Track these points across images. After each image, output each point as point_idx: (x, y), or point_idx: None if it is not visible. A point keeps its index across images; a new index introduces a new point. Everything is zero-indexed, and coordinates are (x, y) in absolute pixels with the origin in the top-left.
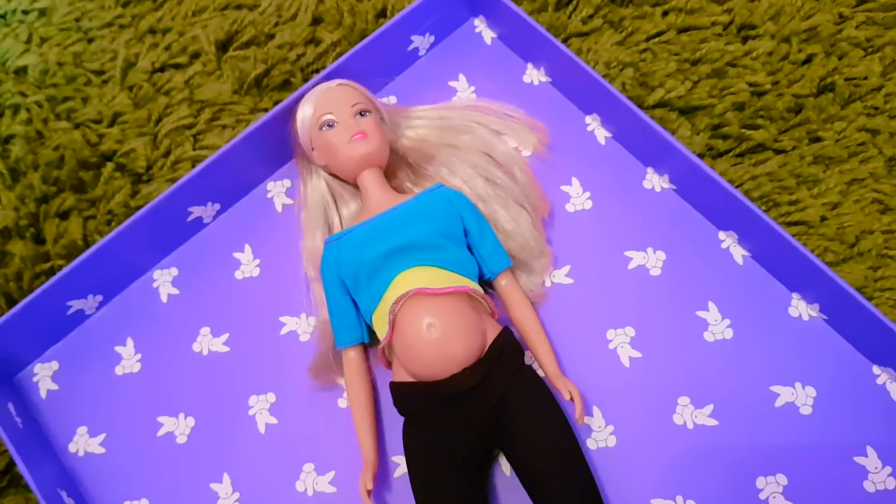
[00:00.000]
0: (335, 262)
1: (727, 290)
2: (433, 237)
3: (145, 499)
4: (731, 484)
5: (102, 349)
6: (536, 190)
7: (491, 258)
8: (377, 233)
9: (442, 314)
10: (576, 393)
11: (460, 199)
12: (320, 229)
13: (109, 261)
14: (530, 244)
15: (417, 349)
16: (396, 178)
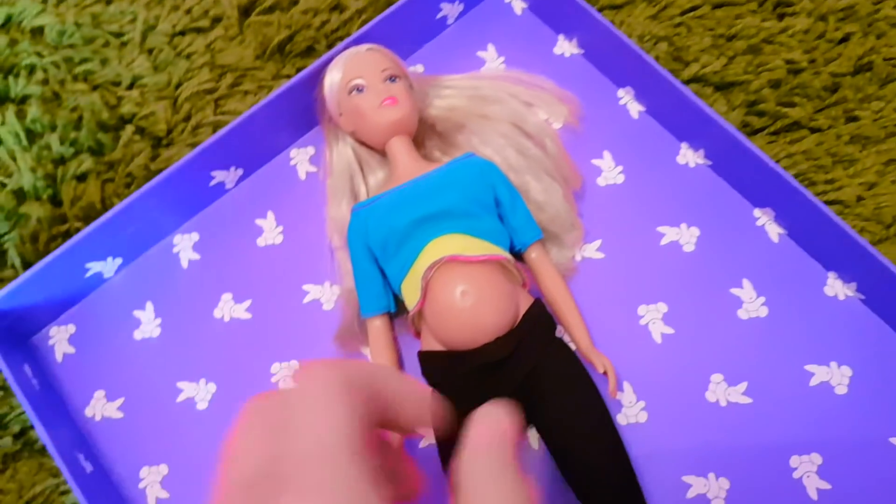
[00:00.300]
0: (363, 230)
1: (762, 268)
2: (466, 205)
3: (164, 464)
4: (765, 462)
5: (121, 313)
6: (568, 162)
7: (522, 229)
8: (408, 199)
9: (475, 282)
10: (609, 367)
11: (492, 169)
12: (346, 197)
13: (129, 224)
14: (562, 216)
15: (450, 316)
16: (424, 148)
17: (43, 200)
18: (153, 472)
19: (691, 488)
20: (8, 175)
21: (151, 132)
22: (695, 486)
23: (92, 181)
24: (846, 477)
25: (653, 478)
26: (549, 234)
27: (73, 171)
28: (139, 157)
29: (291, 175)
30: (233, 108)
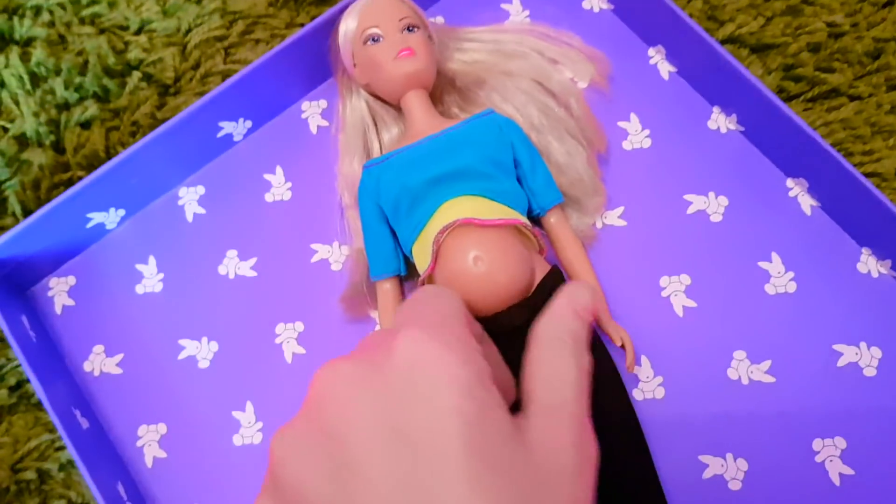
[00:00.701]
0: (374, 188)
1: (792, 242)
2: (483, 165)
3: (163, 423)
4: (786, 444)
5: (122, 266)
6: (593, 123)
7: (542, 193)
8: (423, 158)
9: (489, 247)
10: (627, 340)
11: (512, 127)
12: (358, 154)
13: (133, 174)
14: (584, 180)
15: (461, 283)
16: (442, 104)
17: (45, 147)
18: (151, 431)
19: (707, 468)
20: (10, 120)
21: (159, 79)
22: (711, 467)
23: (96, 128)
24: (870, 463)
25: (668, 456)
26: (570, 198)
27: (77, 118)
28: (145, 104)
29: (302, 129)
30: (243, 57)
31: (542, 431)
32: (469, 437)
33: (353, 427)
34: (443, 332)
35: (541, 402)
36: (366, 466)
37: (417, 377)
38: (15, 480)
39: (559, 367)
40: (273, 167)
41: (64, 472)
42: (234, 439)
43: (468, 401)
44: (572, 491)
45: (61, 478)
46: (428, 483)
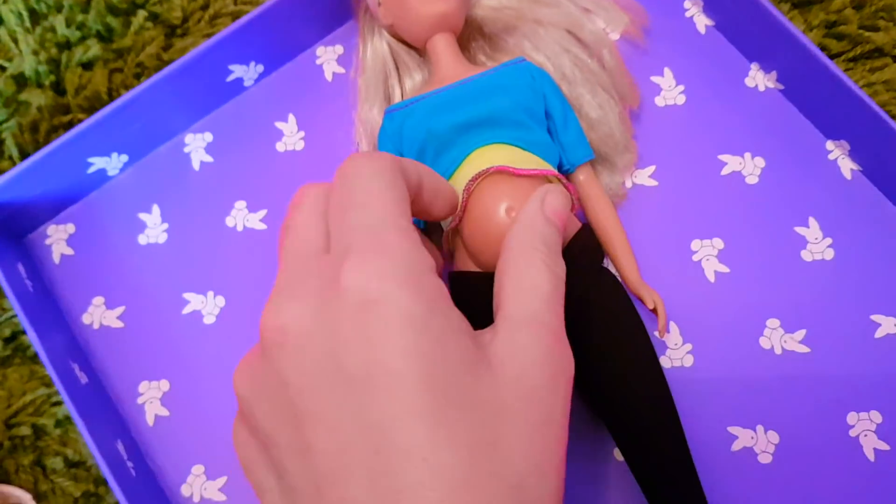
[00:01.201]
0: (396, 134)
1: (831, 207)
2: (516, 113)
3: (165, 380)
4: (819, 417)
5: (125, 215)
6: (626, 77)
7: (572, 147)
8: (452, 103)
9: (522, 199)
10: (660, 303)
11: (544, 78)
12: (379, 100)
13: (137, 118)
14: (615, 136)
15: (492, 234)
16: (469, 51)
17: (45, 87)
18: (153, 388)
19: (737, 440)
20: (8, 59)
21: (165, 19)
22: (741, 439)
23: (99, 69)
24: None
25: (696, 427)
26: (600, 155)
27: (78, 58)
28: (151, 45)
29: (317, 75)
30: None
31: (508, 346)
32: (423, 374)
33: (306, 376)
34: (390, 248)
35: (509, 314)
36: (320, 415)
37: (368, 319)
38: (9, 436)
39: (531, 276)
40: (285, 115)
41: (60, 429)
42: None
43: (422, 337)
44: (542, 408)
45: (58, 434)
46: (384, 424)
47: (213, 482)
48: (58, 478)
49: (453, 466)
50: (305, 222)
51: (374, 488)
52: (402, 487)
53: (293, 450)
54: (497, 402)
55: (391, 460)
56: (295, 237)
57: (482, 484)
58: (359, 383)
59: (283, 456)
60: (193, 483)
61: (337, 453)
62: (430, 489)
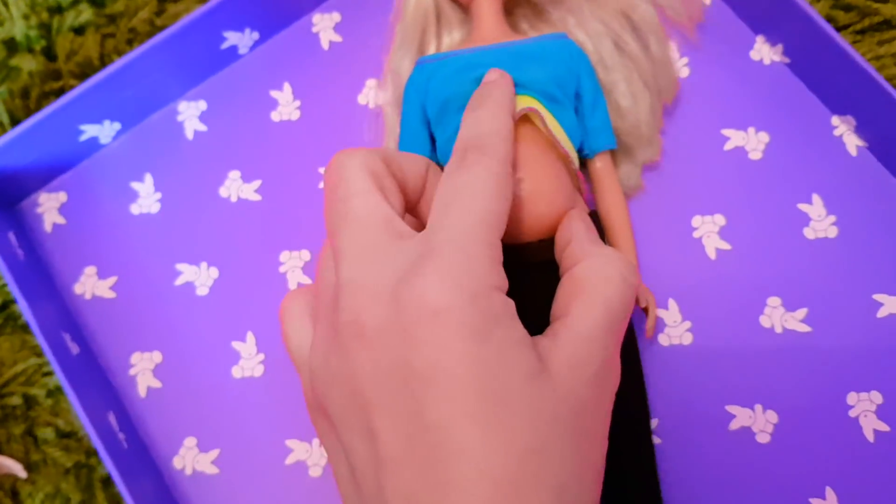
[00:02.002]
0: (423, 87)
1: (835, 183)
2: (550, 86)
3: (157, 351)
4: (819, 397)
5: (117, 184)
6: (669, 70)
7: (595, 133)
8: (484, 64)
9: (536, 170)
10: (651, 303)
11: (582, 59)
12: (413, 50)
13: (130, 85)
14: (641, 129)
15: None
16: (514, 16)
17: (36, 53)
18: (145, 359)
19: (735, 419)
20: None
21: None
22: (739, 418)
23: (90, 34)
24: None
25: (693, 405)
26: (622, 145)
27: (70, 22)
28: (143, 10)
29: (313, 43)
30: None
31: (568, 361)
32: (481, 380)
33: (378, 369)
34: (469, 262)
35: (575, 328)
36: (386, 407)
37: (437, 325)
38: (0, 406)
39: (605, 290)
40: (280, 84)
41: (52, 399)
42: (233, 371)
43: (483, 347)
44: (588, 421)
45: (49, 404)
46: (441, 423)
47: (205, 454)
48: (49, 448)
49: (500, 468)
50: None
51: (425, 479)
52: (450, 482)
53: (360, 433)
54: (550, 411)
55: (443, 456)
56: (359, 228)
57: (526, 487)
58: (423, 383)
59: (351, 437)
60: (186, 455)
61: (397, 443)
62: (474, 485)
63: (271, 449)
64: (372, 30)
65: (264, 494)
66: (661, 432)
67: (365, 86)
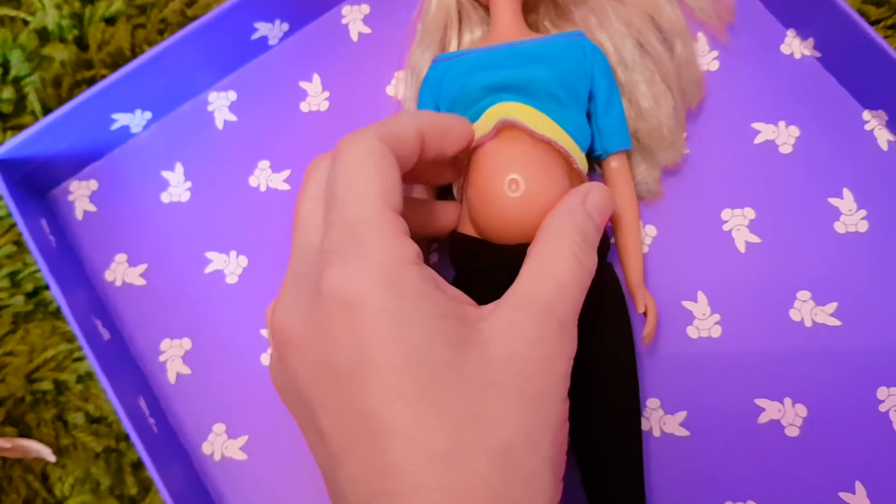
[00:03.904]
0: (437, 85)
1: (866, 178)
2: (553, 85)
3: (188, 338)
4: (849, 391)
5: (148, 172)
6: (694, 73)
7: (609, 133)
8: (492, 63)
9: (531, 171)
10: (652, 309)
11: (597, 56)
12: (433, 47)
13: (161, 75)
14: (663, 132)
15: (491, 203)
16: (536, 13)
17: (68, 42)
18: (175, 346)
19: (763, 413)
20: (31, 12)
21: None
22: (768, 411)
23: (122, 25)
24: None
25: (722, 398)
26: (643, 147)
27: (101, 13)
28: (174, 1)
29: (342, 35)
30: None
31: (501, 324)
32: (405, 360)
33: (309, 371)
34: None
35: (516, 292)
36: (324, 405)
37: (352, 319)
38: (30, 390)
39: (553, 261)
40: (310, 75)
41: (82, 385)
42: (262, 358)
43: (402, 327)
44: (534, 383)
45: (79, 390)
46: (373, 410)
47: (233, 441)
48: (79, 433)
49: (435, 440)
50: (306, 213)
51: (369, 467)
52: (390, 464)
53: (313, 432)
54: (483, 377)
55: (381, 441)
56: (298, 231)
57: (464, 453)
58: (350, 375)
59: (310, 436)
60: (214, 441)
61: (340, 437)
62: (415, 463)
63: (299, 436)
64: (401, 21)
65: (292, 482)
66: (689, 425)
67: (394, 77)
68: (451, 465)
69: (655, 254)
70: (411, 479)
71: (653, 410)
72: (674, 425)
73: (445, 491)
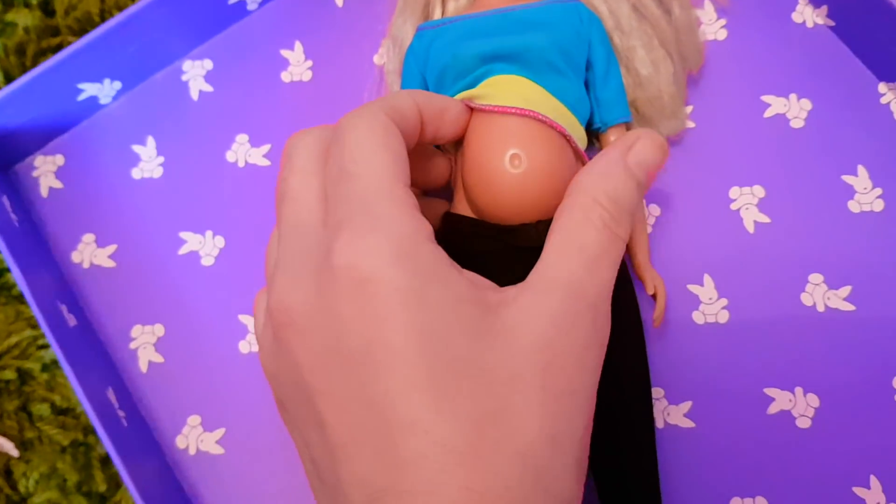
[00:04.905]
0: (423, 55)
1: (882, 154)
2: (552, 54)
3: (160, 324)
4: (863, 379)
5: (117, 146)
6: (694, 37)
7: (608, 105)
8: (485, 30)
9: (531, 147)
10: (661, 290)
11: (595, 24)
12: (416, 15)
13: (132, 42)
14: (663, 99)
15: (489, 183)
16: None
17: (33, 7)
18: (147, 333)
19: (773, 402)
20: None
21: None
22: (778, 401)
23: None
24: None
25: (729, 386)
26: (643, 117)
27: None
28: None
29: (327, 1)
30: None
31: (528, 312)
32: (422, 347)
33: (314, 355)
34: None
35: (543, 274)
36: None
37: (364, 298)
38: None
39: (581, 233)
40: (291, 42)
41: (48, 374)
42: (240, 346)
43: (419, 311)
44: (564, 379)
45: (44, 379)
46: (386, 399)
47: (210, 434)
48: (44, 425)
49: (454, 436)
50: (299, 188)
51: (380, 461)
52: (404, 460)
53: (311, 424)
54: (506, 370)
55: (394, 434)
56: (291, 208)
57: (485, 452)
58: (361, 361)
59: (305, 428)
60: (189, 434)
61: (346, 428)
62: (431, 460)
63: (279, 429)
64: None
65: (271, 477)
66: (694, 416)
67: (381, 45)
68: (471, 465)
69: (659, 234)
70: (428, 476)
71: (656, 401)
72: (678, 416)
73: (464, 491)
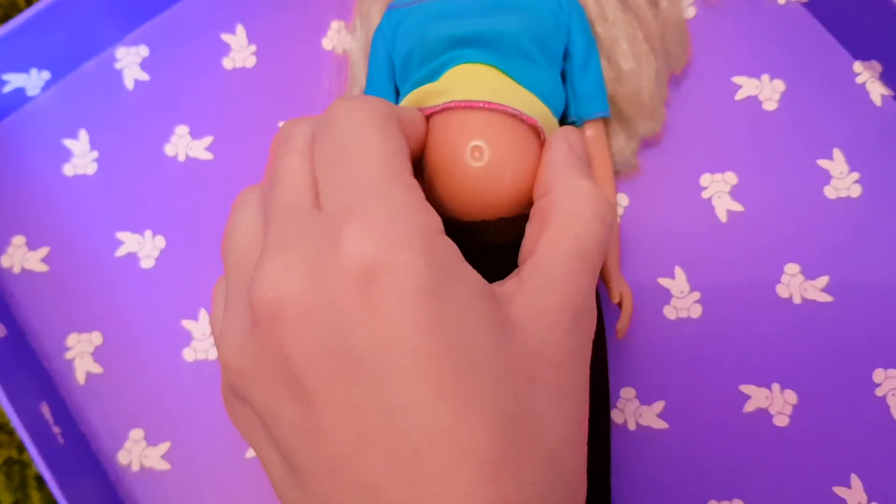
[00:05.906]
0: (391, 35)
1: (858, 137)
2: (524, 41)
3: (98, 332)
4: (841, 374)
5: (47, 141)
6: (681, 34)
7: (586, 98)
8: (456, 11)
9: (495, 139)
10: (627, 299)
11: (575, 10)
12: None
13: (60, 27)
14: (643, 97)
15: (451, 173)
16: None
17: None
18: (83, 341)
19: (750, 400)
20: None
21: None
22: (754, 398)
23: None
24: None
25: (703, 385)
26: (621, 115)
27: None
28: None
29: None
30: None
31: (535, 307)
32: (445, 348)
33: (311, 353)
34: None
35: (538, 266)
36: (331, 396)
37: (377, 290)
38: None
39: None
40: (233, 26)
41: None
42: (184, 354)
43: (440, 307)
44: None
45: None
46: (405, 407)
47: (154, 448)
48: None
49: (484, 445)
50: (299, 168)
51: (397, 472)
52: (427, 472)
53: (300, 429)
54: (525, 370)
55: (416, 443)
56: (286, 188)
57: (515, 460)
58: (373, 364)
59: (287, 434)
60: (132, 449)
61: (352, 436)
62: (460, 470)
63: (229, 441)
64: None
65: (221, 492)
66: (668, 416)
67: (330, 28)
68: (503, 474)
69: (627, 225)
70: (458, 490)
71: (627, 401)
72: (651, 417)
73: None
